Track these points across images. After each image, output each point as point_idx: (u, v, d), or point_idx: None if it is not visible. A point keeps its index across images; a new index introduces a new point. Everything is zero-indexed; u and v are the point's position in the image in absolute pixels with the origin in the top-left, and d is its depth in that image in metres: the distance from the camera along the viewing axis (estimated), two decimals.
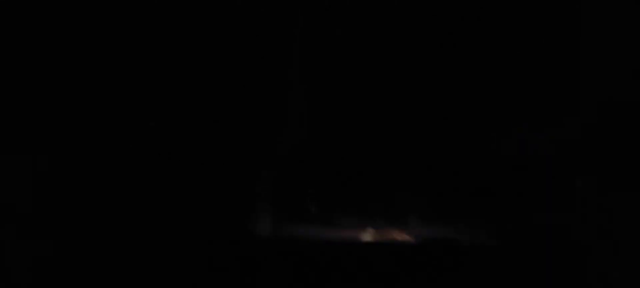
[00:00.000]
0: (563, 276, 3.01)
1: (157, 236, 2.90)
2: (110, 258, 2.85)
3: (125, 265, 2.88)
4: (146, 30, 3.00)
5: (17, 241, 2.82)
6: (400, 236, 3.38)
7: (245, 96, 3.13)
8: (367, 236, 3.27)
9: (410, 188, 3.29)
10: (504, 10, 3.18)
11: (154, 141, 2.99)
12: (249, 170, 3.14)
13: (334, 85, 3.30)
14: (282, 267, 2.92)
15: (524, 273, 2.97)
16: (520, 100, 3.20)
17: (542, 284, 2.98)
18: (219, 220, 2.97)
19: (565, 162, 3.12)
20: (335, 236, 3.12)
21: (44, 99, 2.95)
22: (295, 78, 3.22)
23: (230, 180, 3.05)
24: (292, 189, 3.22)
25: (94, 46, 2.95)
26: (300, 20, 3.17)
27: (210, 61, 3.13)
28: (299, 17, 3.19)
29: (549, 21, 3.18)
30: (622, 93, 3.03)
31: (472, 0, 3.15)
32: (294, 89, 3.23)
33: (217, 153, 3.08)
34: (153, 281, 2.89)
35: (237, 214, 3.00)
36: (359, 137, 3.27)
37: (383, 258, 3.03)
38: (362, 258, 2.99)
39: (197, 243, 2.92)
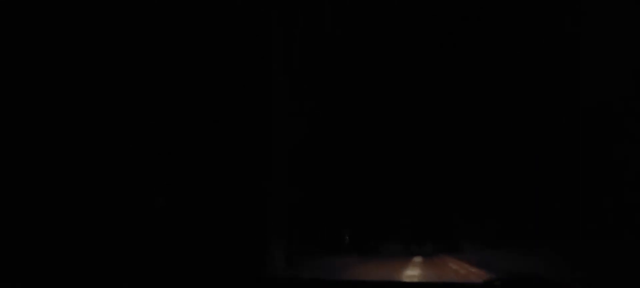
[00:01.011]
0: None
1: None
2: None
3: None
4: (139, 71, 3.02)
5: None
6: (455, 264, 3.01)
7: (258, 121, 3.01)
8: (415, 266, 2.95)
9: (464, 212, 2.97)
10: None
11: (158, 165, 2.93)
12: (261, 191, 2.94)
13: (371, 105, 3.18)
14: None
15: None
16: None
17: None
18: (222, 255, 2.74)
19: None
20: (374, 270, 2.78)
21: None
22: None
23: (239, 206, 2.85)
24: (320, 215, 2.97)
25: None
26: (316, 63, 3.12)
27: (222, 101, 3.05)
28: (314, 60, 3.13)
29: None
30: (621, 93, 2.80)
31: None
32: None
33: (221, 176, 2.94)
34: None
35: (244, 248, 2.74)
36: (404, 158, 3.08)
37: None
38: None
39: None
